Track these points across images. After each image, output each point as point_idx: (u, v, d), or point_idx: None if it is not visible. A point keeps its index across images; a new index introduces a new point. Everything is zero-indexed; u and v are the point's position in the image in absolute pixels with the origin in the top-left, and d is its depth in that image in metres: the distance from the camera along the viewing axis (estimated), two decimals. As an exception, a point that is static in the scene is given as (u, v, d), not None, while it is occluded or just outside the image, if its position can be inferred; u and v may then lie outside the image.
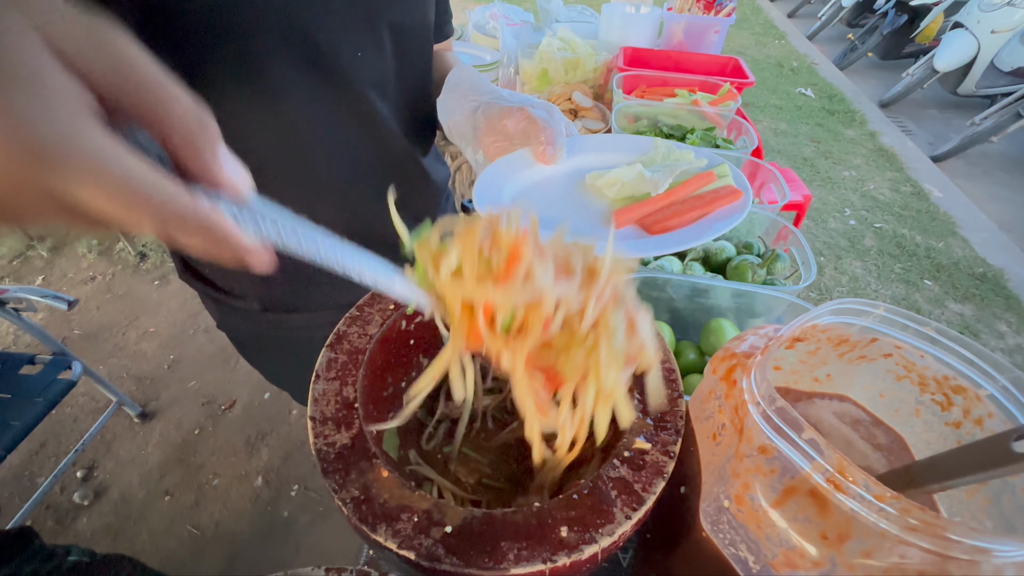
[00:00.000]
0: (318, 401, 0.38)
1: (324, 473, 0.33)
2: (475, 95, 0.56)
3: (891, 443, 0.42)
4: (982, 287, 2.36)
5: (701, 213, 0.54)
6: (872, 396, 0.43)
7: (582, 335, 0.29)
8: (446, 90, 0.59)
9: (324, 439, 0.35)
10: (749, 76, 1.28)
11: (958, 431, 0.37)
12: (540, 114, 0.52)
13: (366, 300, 0.46)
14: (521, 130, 0.51)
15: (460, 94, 0.57)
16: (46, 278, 2.18)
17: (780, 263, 0.74)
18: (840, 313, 0.36)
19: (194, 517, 1.45)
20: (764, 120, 3.67)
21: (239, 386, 1.80)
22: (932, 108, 4.10)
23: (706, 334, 0.68)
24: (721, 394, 0.37)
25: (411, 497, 0.32)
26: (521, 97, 0.55)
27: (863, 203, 2.89)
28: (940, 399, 0.39)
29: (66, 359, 1.38)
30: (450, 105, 0.57)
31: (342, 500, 0.32)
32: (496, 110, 0.52)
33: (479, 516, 0.32)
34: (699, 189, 0.57)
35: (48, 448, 1.61)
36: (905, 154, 3.37)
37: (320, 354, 0.41)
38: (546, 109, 0.54)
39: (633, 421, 0.37)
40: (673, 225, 0.53)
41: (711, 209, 0.55)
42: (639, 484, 0.33)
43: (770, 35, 5.38)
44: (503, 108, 0.52)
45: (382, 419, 0.44)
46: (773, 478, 0.30)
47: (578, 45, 1.36)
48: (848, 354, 0.41)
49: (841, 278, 2.38)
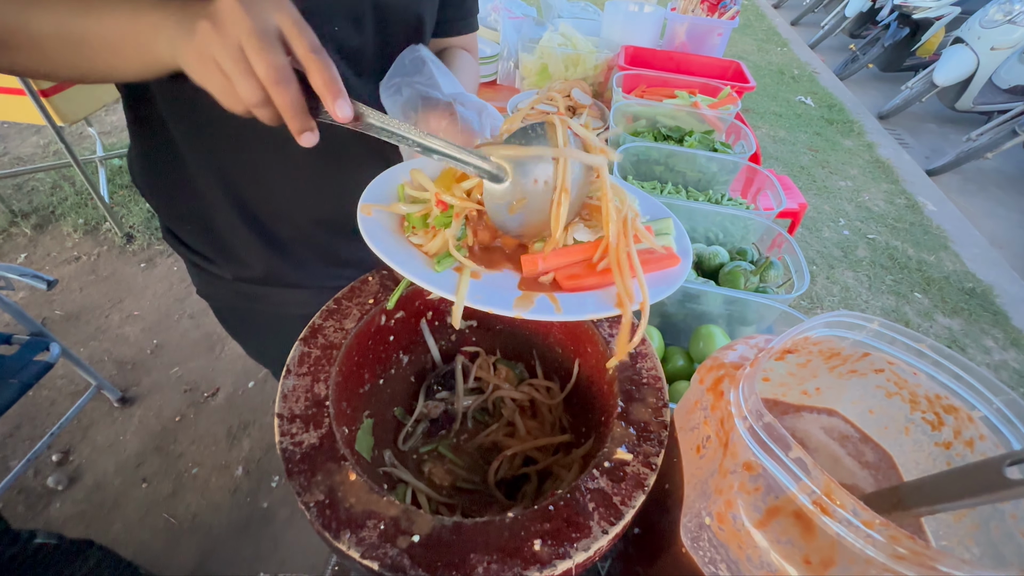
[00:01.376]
0: (287, 397, 0.36)
1: (288, 474, 0.32)
2: (412, 80, 0.52)
3: (879, 461, 0.41)
4: (971, 302, 2.37)
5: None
6: (862, 412, 0.42)
7: None
8: (392, 70, 0.55)
9: (291, 438, 0.34)
10: (750, 80, 1.27)
11: (948, 452, 0.36)
12: (467, 114, 0.48)
13: (344, 293, 0.44)
14: (443, 128, 0.48)
15: (401, 79, 0.53)
16: (29, 256, 2.14)
17: (773, 271, 0.73)
18: (834, 326, 0.35)
19: (171, 507, 1.43)
20: (763, 127, 3.67)
21: (223, 374, 1.77)
22: (930, 122, 4.13)
23: (695, 340, 0.66)
24: (707, 405, 0.36)
25: (379, 503, 0.31)
26: (457, 93, 0.51)
27: (857, 214, 2.90)
28: (931, 418, 0.38)
29: (44, 340, 1.35)
30: (388, 89, 0.53)
31: (305, 504, 0.30)
32: (425, 101, 0.49)
33: (449, 526, 0.30)
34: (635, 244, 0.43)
35: (23, 430, 1.58)
36: (901, 167, 3.39)
37: (292, 348, 0.39)
38: (478, 109, 0.50)
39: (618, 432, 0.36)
40: (587, 285, 0.40)
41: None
42: (618, 497, 0.32)
43: (772, 42, 5.38)
44: (432, 100, 0.49)
45: (356, 417, 0.42)
46: (757, 497, 0.28)
47: (579, 41, 1.34)
48: (839, 368, 0.40)
49: (833, 287, 2.38)
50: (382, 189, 0.45)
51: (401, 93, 0.51)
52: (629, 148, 0.93)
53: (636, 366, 0.40)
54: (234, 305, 0.69)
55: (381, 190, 0.45)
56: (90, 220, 2.27)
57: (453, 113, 0.48)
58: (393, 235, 0.40)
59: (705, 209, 0.80)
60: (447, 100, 0.49)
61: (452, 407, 0.50)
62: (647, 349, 0.41)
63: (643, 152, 0.96)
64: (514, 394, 0.50)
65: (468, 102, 0.50)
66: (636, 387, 0.39)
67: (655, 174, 0.99)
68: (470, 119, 0.48)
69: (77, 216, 2.27)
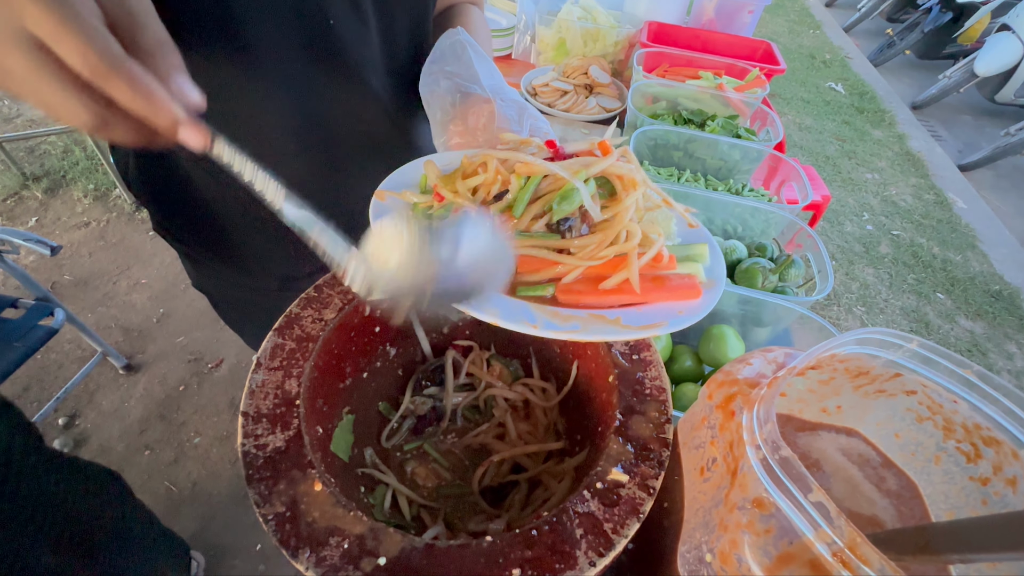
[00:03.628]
0: (254, 394, 0.33)
1: (248, 481, 0.29)
2: (453, 72, 0.49)
3: (901, 489, 0.37)
4: (996, 305, 2.28)
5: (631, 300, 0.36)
6: (886, 435, 0.38)
7: None
8: (431, 59, 0.53)
9: (254, 440, 0.31)
10: (781, 63, 1.19)
11: (984, 488, 0.33)
12: (507, 112, 0.45)
13: (327, 280, 0.41)
14: (481, 126, 0.45)
15: (439, 68, 0.50)
16: (39, 220, 2.14)
17: (794, 269, 0.68)
18: (866, 343, 0.31)
19: (172, 474, 1.44)
20: (789, 113, 3.53)
21: (227, 345, 1.77)
22: (966, 114, 3.93)
23: (705, 341, 0.62)
24: (715, 424, 0.32)
25: (344, 518, 0.28)
26: (498, 88, 0.49)
27: (883, 208, 2.79)
28: (967, 448, 0.34)
29: (49, 305, 1.35)
30: (429, 78, 0.51)
31: (264, 516, 0.28)
32: (463, 97, 0.47)
33: (420, 548, 0.27)
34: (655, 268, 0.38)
35: (31, 393, 1.60)
36: (932, 160, 3.24)
37: (265, 339, 0.36)
38: (518, 108, 0.47)
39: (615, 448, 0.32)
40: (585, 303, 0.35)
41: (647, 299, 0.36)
42: (610, 524, 0.29)
43: (805, 23, 5.14)
44: (473, 96, 0.46)
45: (334, 414, 0.39)
46: (767, 539, 0.25)
47: (600, 15, 1.27)
48: (865, 387, 0.36)
49: (852, 284, 2.31)
50: (404, 178, 0.43)
51: (439, 84, 0.49)
52: (646, 132, 0.87)
53: (639, 374, 0.37)
54: (233, 297, 0.67)
55: (403, 179, 0.43)
56: (100, 186, 2.26)
57: (492, 110, 0.46)
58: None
59: (724, 200, 0.75)
60: (487, 96, 0.47)
61: (441, 404, 0.47)
62: (652, 356, 0.38)
63: (661, 136, 0.90)
64: (507, 393, 0.47)
65: (508, 99, 0.48)
66: (638, 398, 0.35)
67: (673, 160, 0.94)
68: (510, 118, 0.46)
69: (87, 182, 2.26)
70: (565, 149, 0.39)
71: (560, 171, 0.34)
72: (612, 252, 0.34)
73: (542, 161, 0.35)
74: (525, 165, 0.35)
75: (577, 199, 0.34)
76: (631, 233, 0.35)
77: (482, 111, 0.46)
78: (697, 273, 0.38)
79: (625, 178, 0.36)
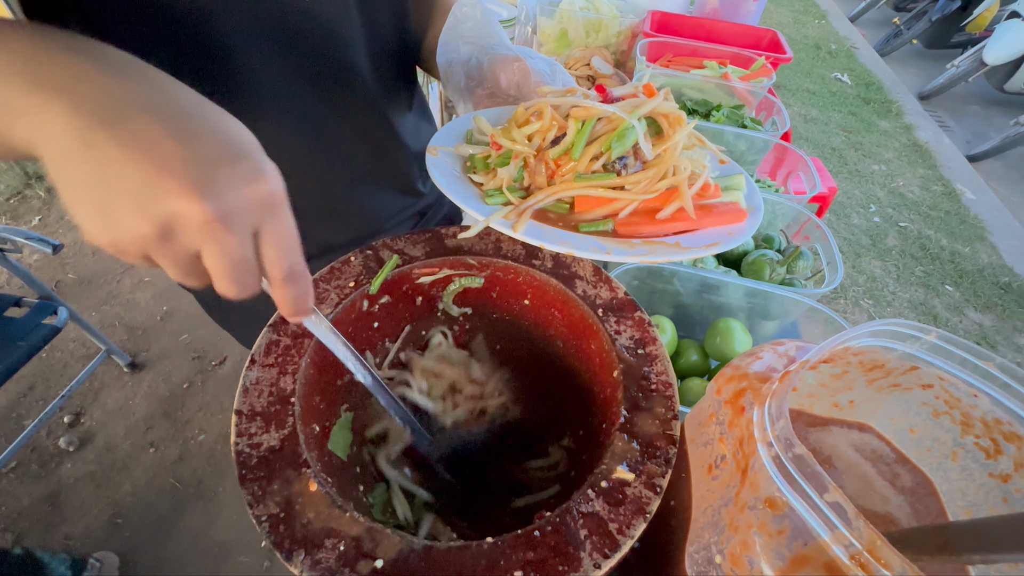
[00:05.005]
0: (248, 391, 0.32)
1: (241, 480, 0.28)
2: (475, 37, 0.48)
3: (916, 486, 0.36)
4: (1005, 297, 2.25)
5: (684, 227, 0.39)
6: (901, 430, 0.37)
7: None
8: (447, 27, 0.51)
9: (248, 439, 0.30)
10: (787, 51, 1.17)
11: (1005, 486, 0.31)
12: (539, 67, 0.45)
13: (323, 275, 0.40)
14: (515, 83, 0.44)
15: (459, 34, 0.49)
16: (43, 219, 2.14)
17: (803, 261, 0.67)
18: (881, 336, 0.30)
19: (177, 472, 1.44)
20: (795, 105, 3.49)
21: (230, 343, 1.75)
22: (975, 104, 3.87)
23: (712, 334, 0.61)
24: (724, 420, 0.31)
25: (340, 519, 0.27)
26: (523, 48, 0.48)
27: (890, 200, 2.76)
28: (986, 444, 0.32)
29: (52, 304, 1.35)
30: (448, 46, 0.49)
31: (257, 517, 0.27)
32: (492, 58, 0.45)
33: (418, 550, 0.26)
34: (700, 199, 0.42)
35: (36, 391, 1.60)
36: (940, 151, 3.20)
37: (260, 335, 0.35)
38: (548, 63, 0.47)
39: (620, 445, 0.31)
40: (644, 233, 0.39)
41: (699, 225, 0.40)
42: (615, 524, 0.28)
43: (810, 13, 5.07)
44: (500, 56, 0.45)
45: (332, 412, 0.38)
46: (780, 541, 0.24)
47: (602, 5, 1.25)
48: (879, 380, 0.35)
49: (859, 277, 2.28)
50: (451, 133, 0.45)
51: (460, 50, 0.49)
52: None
53: (644, 369, 0.35)
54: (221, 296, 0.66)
55: (450, 134, 0.45)
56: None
57: (525, 67, 0.46)
58: (457, 175, 0.41)
59: (730, 191, 0.73)
60: (515, 55, 0.47)
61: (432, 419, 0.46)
62: (658, 350, 0.36)
63: (665, 127, 0.88)
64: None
65: (536, 56, 0.48)
66: (644, 394, 0.34)
67: (677, 151, 0.92)
68: (543, 72, 0.47)
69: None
70: (613, 92, 0.42)
71: (617, 111, 0.37)
72: (664, 185, 0.38)
73: (598, 103, 0.38)
74: (582, 109, 0.37)
75: (632, 137, 0.36)
76: (680, 167, 0.38)
77: (514, 69, 0.46)
78: (739, 200, 0.42)
79: (671, 116, 0.39)
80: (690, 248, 0.36)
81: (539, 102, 0.40)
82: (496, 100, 0.45)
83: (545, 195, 0.37)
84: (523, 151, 0.38)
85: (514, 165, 0.38)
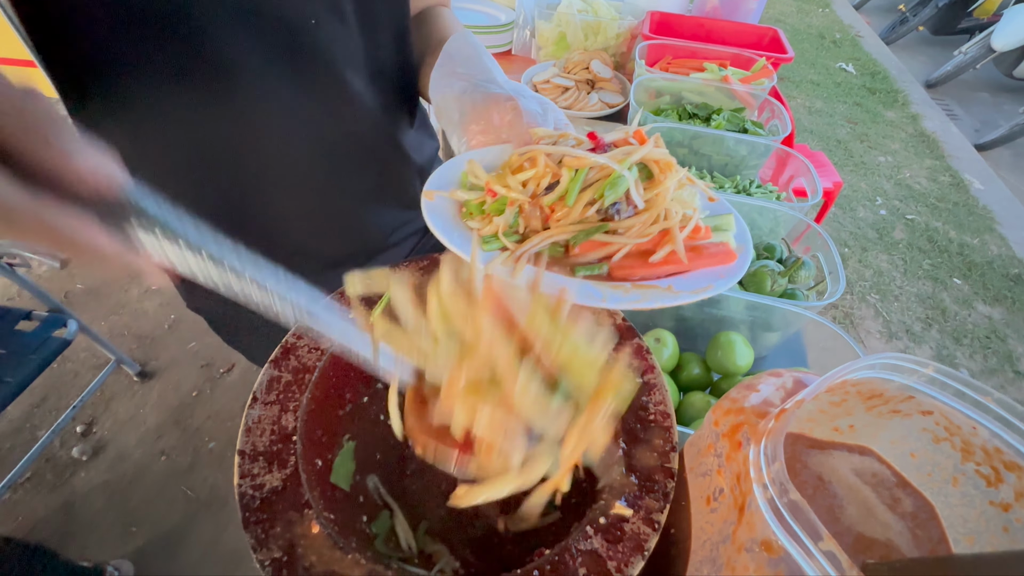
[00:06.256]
0: (251, 431, 0.33)
1: (244, 524, 0.29)
2: (467, 73, 0.48)
3: (918, 510, 0.36)
4: (1015, 289, 2.23)
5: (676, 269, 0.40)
6: (901, 454, 0.37)
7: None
8: (440, 63, 0.52)
9: (251, 480, 0.30)
10: (788, 51, 1.16)
11: (1006, 515, 0.31)
12: (531, 107, 0.45)
13: (323, 307, 0.40)
14: (507, 123, 0.44)
15: (450, 70, 0.49)
16: (51, 230, 2.17)
17: (804, 271, 0.66)
18: (879, 369, 0.30)
19: (189, 480, 1.46)
20: (799, 97, 3.45)
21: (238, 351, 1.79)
22: (983, 91, 3.82)
23: (713, 348, 0.61)
24: (722, 453, 0.31)
25: (342, 562, 0.28)
26: (516, 86, 0.48)
27: (896, 192, 2.73)
28: (987, 472, 0.32)
29: (62, 317, 1.37)
30: (440, 81, 0.50)
31: (261, 562, 0.27)
32: (483, 96, 0.45)
33: (419, 592, 0.27)
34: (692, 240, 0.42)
35: (49, 402, 1.63)
36: (948, 141, 3.16)
37: (262, 371, 0.36)
38: (540, 102, 0.47)
39: (617, 479, 0.32)
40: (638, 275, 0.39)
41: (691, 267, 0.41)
42: (613, 562, 0.28)
43: (813, 2, 5.01)
44: (491, 95, 0.45)
45: (335, 443, 0.39)
46: (776, 585, 0.24)
47: (601, 7, 1.24)
48: (879, 407, 0.35)
49: (865, 272, 2.26)
50: (445, 177, 0.45)
51: (453, 86, 0.49)
52: (649, 129, 0.85)
53: (643, 399, 0.36)
54: (229, 314, 0.66)
55: (444, 178, 0.45)
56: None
57: (516, 106, 0.46)
58: (452, 219, 0.42)
59: (730, 200, 0.73)
60: (508, 93, 0.46)
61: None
62: (656, 379, 0.37)
63: (665, 133, 0.88)
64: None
65: (528, 95, 0.48)
66: (642, 425, 0.34)
67: (678, 157, 0.91)
68: (535, 113, 0.46)
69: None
70: (605, 139, 0.43)
71: (608, 162, 0.38)
72: (656, 229, 0.39)
73: (590, 154, 0.39)
74: (575, 159, 0.38)
75: (624, 185, 0.38)
76: (671, 211, 0.39)
77: (506, 108, 0.46)
78: (729, 240, 0.42)
79: (661, 162, 0.40)
80: (683, 292, 0.37)
81: (533, 149, 0.41)
82: (489, 136, 0.45)
83: (540, 239, 0.38)
84: (519, 198, 0.39)
85: (510, 212, 0.39)
